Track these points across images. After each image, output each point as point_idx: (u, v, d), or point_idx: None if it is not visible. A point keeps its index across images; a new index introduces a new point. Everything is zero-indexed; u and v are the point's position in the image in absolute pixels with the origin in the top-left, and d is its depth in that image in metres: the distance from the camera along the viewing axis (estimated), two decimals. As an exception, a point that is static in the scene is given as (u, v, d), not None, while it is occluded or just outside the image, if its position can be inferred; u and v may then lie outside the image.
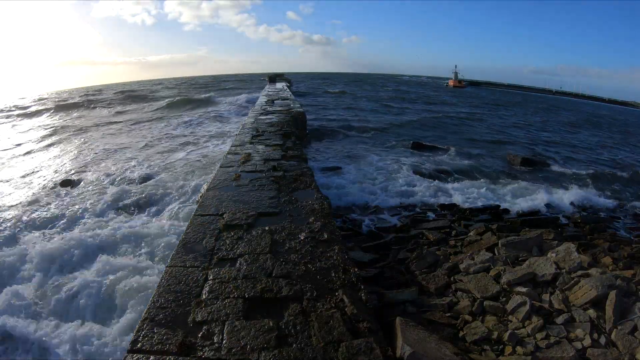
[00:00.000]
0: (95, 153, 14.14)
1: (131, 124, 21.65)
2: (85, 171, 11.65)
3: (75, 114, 28.39)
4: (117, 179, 10.50)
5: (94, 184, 10.26)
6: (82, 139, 17.19)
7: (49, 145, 16.62)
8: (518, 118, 28.61)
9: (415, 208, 8.31)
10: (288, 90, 28.66)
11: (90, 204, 8.60)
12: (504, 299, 3.93)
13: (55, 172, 11.95)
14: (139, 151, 14.08)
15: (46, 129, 21.43)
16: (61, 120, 25.15)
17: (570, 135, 21.68)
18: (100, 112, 28.84)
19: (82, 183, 10.39)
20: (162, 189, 9.16)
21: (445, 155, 13.72)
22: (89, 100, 36.69)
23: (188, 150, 13.81)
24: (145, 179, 10.33)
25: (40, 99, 43.10)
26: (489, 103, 42.09)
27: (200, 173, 10.28)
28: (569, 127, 25.65)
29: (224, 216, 4.60)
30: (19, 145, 17.14)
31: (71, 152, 14.98)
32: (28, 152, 15.45)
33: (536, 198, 8.96)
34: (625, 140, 21.80)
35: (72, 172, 11.71)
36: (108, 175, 10.93)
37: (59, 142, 17.17)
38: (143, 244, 6.42)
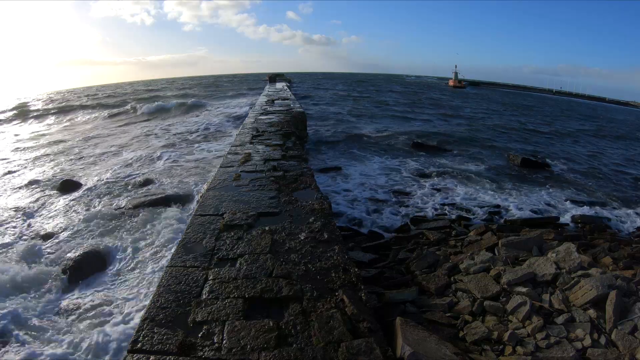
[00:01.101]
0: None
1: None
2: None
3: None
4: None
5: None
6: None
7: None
8: (540, 125, 25.50)
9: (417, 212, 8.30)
10: (288, 90, 28.68)
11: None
12: (504, 299, 3.93)
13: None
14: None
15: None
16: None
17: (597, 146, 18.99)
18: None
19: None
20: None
21: (447, 158, 13.72)
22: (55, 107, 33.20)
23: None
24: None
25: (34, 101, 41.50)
26: (500, 105, 40.17)
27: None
28: (590, 136, 22.77)
29: (224, 216, 4.60)
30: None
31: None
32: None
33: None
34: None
35: None
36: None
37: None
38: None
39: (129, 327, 4.16)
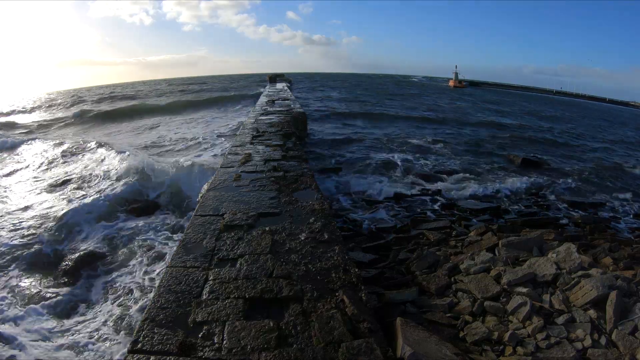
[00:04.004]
0: None
1: None
2: None
3: None
4: None
5: None
6: None
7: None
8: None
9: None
10: (288, 90, 28.68)
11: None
12: (505, 299, 3.93)
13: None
14: None
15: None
16: None
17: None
18: None
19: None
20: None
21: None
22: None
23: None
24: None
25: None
26: (533, 113, 32.80)
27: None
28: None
29: (225, 216, 4.60)
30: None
31: None
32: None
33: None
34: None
35: None
36: None
37: None
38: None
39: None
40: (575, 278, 4.04)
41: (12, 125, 24.81)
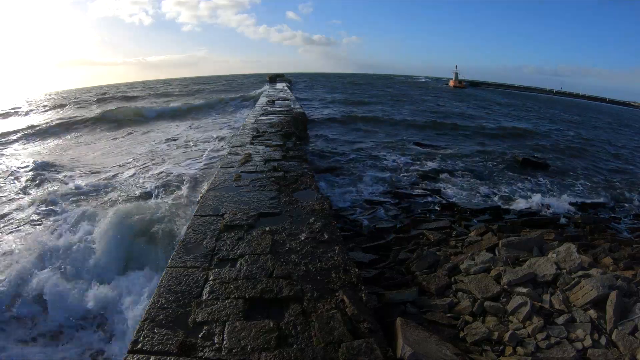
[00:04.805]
0: None
1: None
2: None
3: None
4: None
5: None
6: None
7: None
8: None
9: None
10: (288, 90, 28.70)
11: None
12: (505, 299, 3.93)
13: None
14: None
15: None
16: None
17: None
18: None
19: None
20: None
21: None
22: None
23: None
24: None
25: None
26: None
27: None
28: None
29: (225, 217, 4.61)
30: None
31: None
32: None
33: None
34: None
35: None
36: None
37: None
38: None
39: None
40: (576, 278, 4.04)
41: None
